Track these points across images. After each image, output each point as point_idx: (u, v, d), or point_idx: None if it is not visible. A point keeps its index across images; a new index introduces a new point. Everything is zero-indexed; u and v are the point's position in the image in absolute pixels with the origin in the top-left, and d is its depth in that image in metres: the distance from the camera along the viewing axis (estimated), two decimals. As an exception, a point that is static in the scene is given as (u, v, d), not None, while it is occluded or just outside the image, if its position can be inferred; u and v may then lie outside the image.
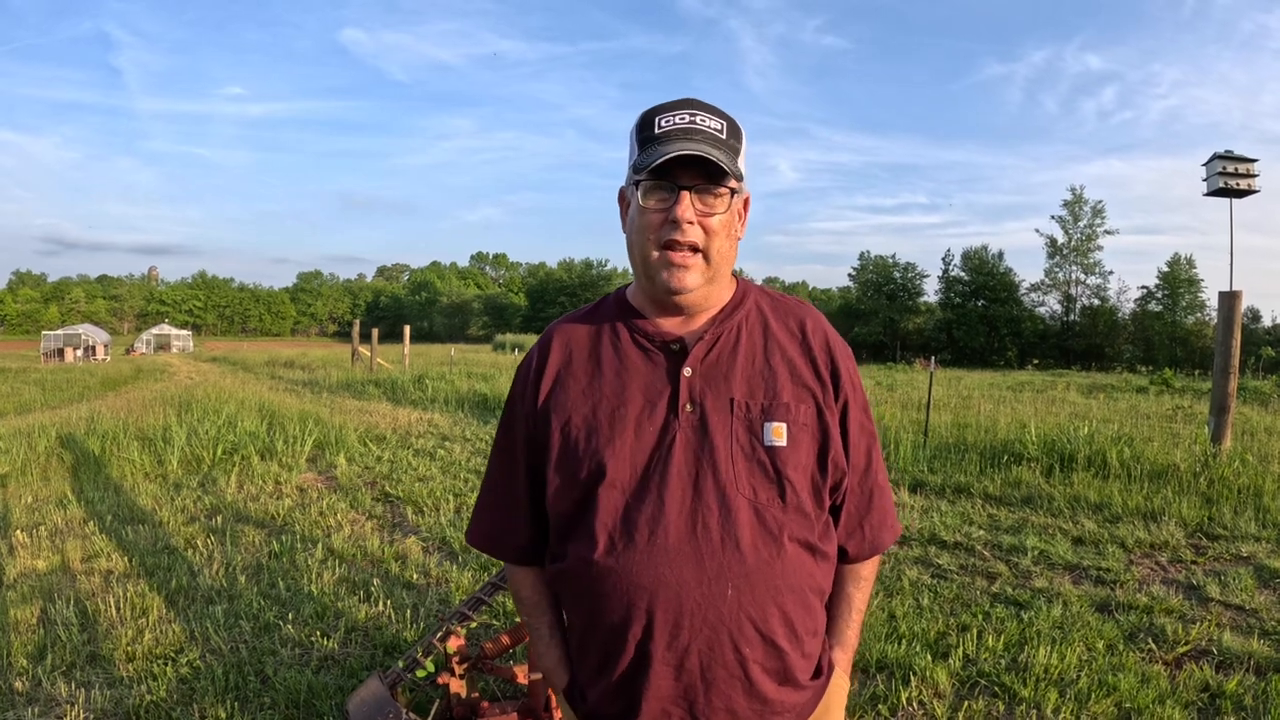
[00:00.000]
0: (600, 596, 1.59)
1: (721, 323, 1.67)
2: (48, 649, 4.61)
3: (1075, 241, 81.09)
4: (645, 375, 1.65)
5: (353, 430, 12.55)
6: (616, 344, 1.70)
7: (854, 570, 1.81)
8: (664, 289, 1.60)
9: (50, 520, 7.45)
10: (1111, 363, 67.08)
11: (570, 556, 1.64)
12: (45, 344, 59.84)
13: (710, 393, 1.61)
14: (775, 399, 1.62)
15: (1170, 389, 25.90)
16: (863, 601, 1.83)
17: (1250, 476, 8.12)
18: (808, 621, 1.63)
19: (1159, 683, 4.15)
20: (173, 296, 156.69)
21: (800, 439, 1.61)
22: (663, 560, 1.53)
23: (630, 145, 1.64)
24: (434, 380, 21.77)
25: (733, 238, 1.64)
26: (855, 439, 1.71)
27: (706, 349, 1.64)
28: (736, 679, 1.55)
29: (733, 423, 1.59)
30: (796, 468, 1.59)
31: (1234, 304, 9.10)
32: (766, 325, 1.70)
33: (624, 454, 1.59)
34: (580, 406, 1.66)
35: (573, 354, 1.73)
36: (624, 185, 1.69)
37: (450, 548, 6.67)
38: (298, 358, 42.49)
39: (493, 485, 1.85)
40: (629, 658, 1.58)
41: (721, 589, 1.52)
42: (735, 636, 1.53)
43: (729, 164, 1.54)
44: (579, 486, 1.62)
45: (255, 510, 7.88)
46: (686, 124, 1.57)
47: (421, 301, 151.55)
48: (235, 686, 4.16)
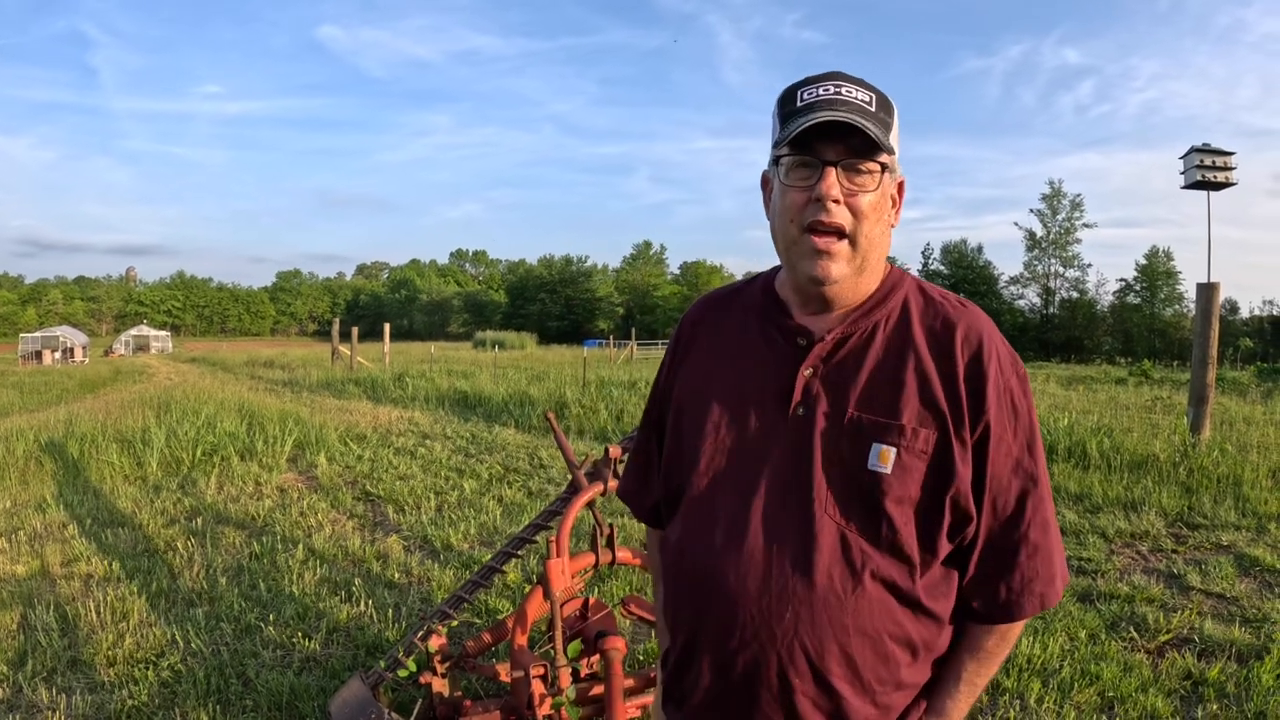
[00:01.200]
0: (675, 576, 1.58)
1: (856, 320, 1.49)
2: (28, 655, 4.57)
3: (1054, 234, 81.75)
4: (765, 368, 1.52)
5: (333, 429, 12.50)
6: (747, 330, 1.58)
7: (974, 635, 1.53)
8: (806, 278, 1.44)
9: (29, 524, 7.38)
10: (1091, 355, 67.51)
11: (667, 531, 1.64)
12: (23, 346, 59.25)
13: (825, 398, 1.46)
14: (892, 418, 1.42)
15: (1149, 380, 26.11)
16: (978, 675, 1.54)
17: (1229, 466, 8.18)
18: (882, 671, 1.44)
19: (1141, 671, 4.17)
20: (151, 297, 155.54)
21: (912, 468, 1.41)
22: (733, 564, 1.44)
23: (772, 123, 1.47)
24: (414, 378, 21.74)
25: (885, 223, 1.46)
26: (1003, 479, 1.45)
27: (831, 348, 1.48)
28: (779, 705, 1.44)
29: (840, 437, 1.43)
30: (901, 500, 1.40)
31: (1212, 296, 9.17)
32: (909, 327, 1.49)
33: (723, 445, 1.51)
34: (695, 390, 1.59)
35: (704, 335, 1.65)
36: (766, 169, 1.53)
37: (431, 546, 6.65)
38: (277, 357, 42.30)
39: (637, 445, 1.82)
40: (681, 643, 1.55)
41: (781, 610, 1.40)
42: (785, 662, 1.41)
43: (879, 135, 1.37)
44: (681, 470, 1.57)
45: (235, 511, 7.83)
46: (831, 95, 1.40)
47: (401, 299, 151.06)
48: (217, 689, 4.13)
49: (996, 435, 1.43)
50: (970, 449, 1.43)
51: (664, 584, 1.69)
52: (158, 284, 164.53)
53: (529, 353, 54.59)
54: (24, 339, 61.69)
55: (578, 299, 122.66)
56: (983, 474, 1.43)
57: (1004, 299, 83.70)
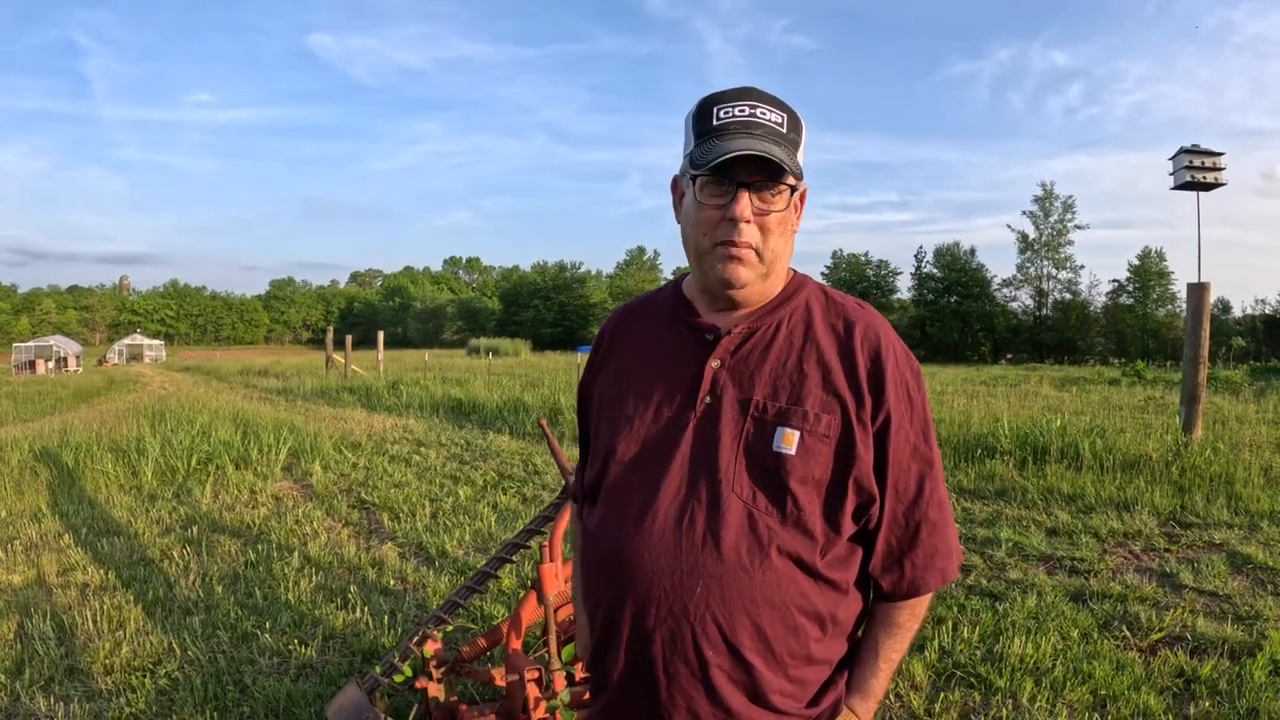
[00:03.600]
0: (591, 564, 1.65)
1: (760, 317, 1.60)
2: (25, 663, 4.58)
3: (1046, 236, 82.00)
4: (675, 362, 1.63)
5: (328, 437, 12.48)
6: (659, 330, 1.70)
7: (885, 612, 1.66)
8: (718, 282, 1.55)
9: (25, 534, 7.38)
10: (1084, 356, 67.65)
11: (583, 522, 1.74)
12: (16, 356, 59.09)
13: (732, 388, 1.56)
14: (795, 404, 1.53)
15: (1142, 380, 26.13)
16: (894, 649, 1.66)
17: (1222, 465, 8.21)
18: (792, 644, 1.53)
19: (1134, 669, 4.20)
20: (144, 306, 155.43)
21: (816, 451, 1.51)
22: (644, 543, 1.52)
23: (686, 133, 1.57)
24: (409, 386, 21.69)
25: (789, 233, 1.59)
26: (902, 462, 1.57)
27: (737, 343, 1.59)
28: (697, 679, 1.51)
29: (745, 422, 1.53)
30: (805, 481, 1.50)
31: (1202, 296, 9.21)
32: (810, 324, 1.61)
33: (636, 435, 1.60)
34: (612, 387, 1.70)
35: (620, 337, 1.77)
36: (677, 174, 1.64)
37: (427, 553, 6.66)
38: (271, 366, 42.26)
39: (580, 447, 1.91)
40: (600, 627, 1.61)
41: (692, 585, 1.48)
42: (698, 635, 1.49)
43: (790, 162, 1.48)
44: (599, 462, 1.66)
45: (231, 520, 7.84)
46: (746, 116, 1.50)
47: (395, 307, 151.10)
48: (214, 697, 4.14)
49: (896, 423, 1.55)
50: (872, 436, 1.54)
51: (581, 572, 1.77)
52: (151, 293, 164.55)
53: (523, 359, 54.50)
54: (17, 348, 61.46)
55: (572, 305, 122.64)
56: (884, 459, 1.55)
57: (997, 301, 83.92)
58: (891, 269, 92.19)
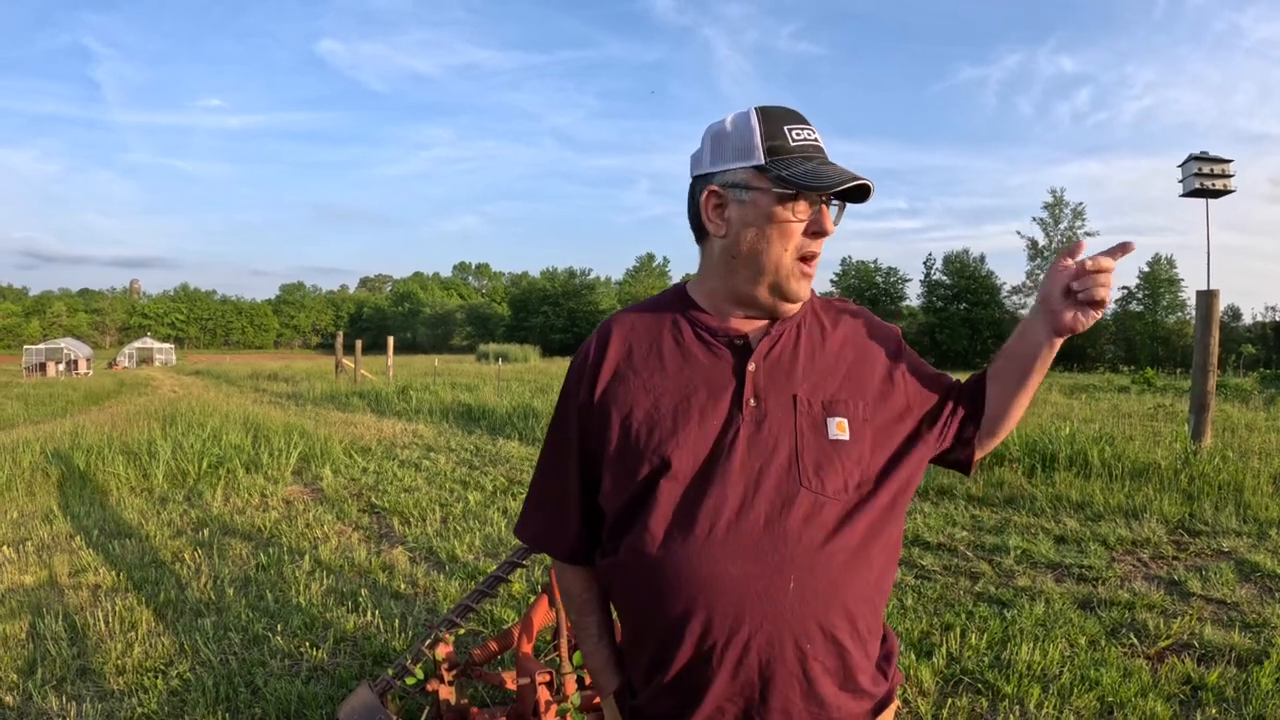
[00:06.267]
0: (656, 593, 1.55)
1: (781, 323, 1.66)
2: (37, 663, 4.62)
3: (1056, 243, 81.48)
4: (709, 370, 1.63)
5: (338, 442, 12.52)
6: (679, 338, 1.68)
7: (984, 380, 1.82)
8: (787, 294, 1.61)
9: (36, 535, 7.43)
10: (1094, 363, 67.31)
11: (624, 551, 1.61)
12: (27, 358, 59.32)
13: (774, 388, 1.60)
14: (839, 394, 1.63)
15: (1152, 388, 26.08)
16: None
17: (1231, 473, 8.20)
18: (870, 620, 1.60)
19: (1141, 676, 4.20)
20: (155, 310, 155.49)
21: (864, 432, 1.62)
22: (722, 553, 1.50)
23: (747, 139, 1.58)
24: (418, 391, 21.75)
25: None
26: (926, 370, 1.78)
27: (771, 345, 1.64)
28: (795, 677, 1.52)
29: (796, 417, 1.59)
30: (860, 460, 1.59)
31: (1211, 303, 9.21)
32: (820, 321, 1.72)
33: (687, 446, 1.57)
34: (642, 400, 1.63)
35: (633, 347, 1.71)
36: (716, 183, 1.61)
37: (437, 557, 6.69)
38: (281, 370, 42.37)
39: (544, 483, 1.83)
40: (686, 655, 1.54)
41: (783, 582, 1.49)
42: (796, 632, 1.50)
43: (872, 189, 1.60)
44: (639, 480, 1.59)
45: (242, 523, 7.88)
46: (815, 140, 1.59)
47: (404, 312, 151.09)
48: (226, 698, 4.17)
49: (907, 359, 1.76)
50: (898, 383, 1.72)
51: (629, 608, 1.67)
52: (161, 297, 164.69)
53: (532, 365, 54.55)
54: (28, 351, 61.73)
55: (581, 311, 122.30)
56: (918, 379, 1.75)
57: (1007, 308, 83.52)
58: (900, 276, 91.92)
